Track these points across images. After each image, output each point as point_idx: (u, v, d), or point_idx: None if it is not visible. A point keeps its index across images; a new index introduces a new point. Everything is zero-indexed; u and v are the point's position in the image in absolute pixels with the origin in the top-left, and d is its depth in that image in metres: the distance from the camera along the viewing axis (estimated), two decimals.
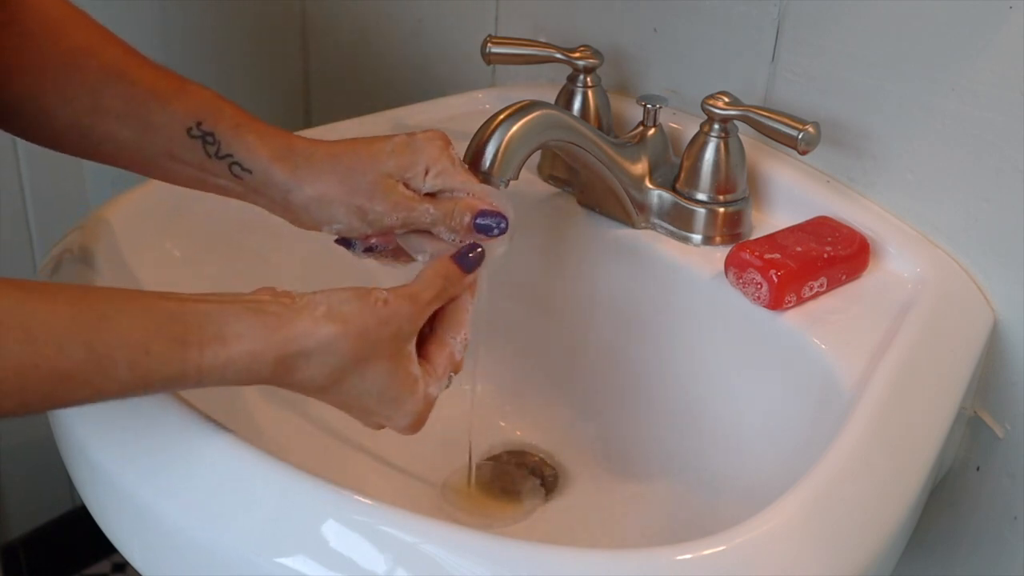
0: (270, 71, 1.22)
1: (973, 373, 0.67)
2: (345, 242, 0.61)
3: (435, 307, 0.55)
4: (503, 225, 0.58)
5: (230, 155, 0.57)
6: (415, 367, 0.53)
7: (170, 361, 0.46)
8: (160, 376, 0.46)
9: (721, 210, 0.73)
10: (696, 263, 0.72)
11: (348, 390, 0.51)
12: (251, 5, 1.16)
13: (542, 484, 0.75)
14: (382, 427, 0.55)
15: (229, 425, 0.53)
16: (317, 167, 0.56)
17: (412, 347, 0.53)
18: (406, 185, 0.58)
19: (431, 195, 0.58)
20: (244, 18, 1.18)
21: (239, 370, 0.48)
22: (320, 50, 1.18)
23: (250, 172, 0.56)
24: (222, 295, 0.49)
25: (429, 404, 0.54)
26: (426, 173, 0.58)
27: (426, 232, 0.59)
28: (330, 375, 0.50)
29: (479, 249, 0.58)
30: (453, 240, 0.59)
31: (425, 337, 0.56)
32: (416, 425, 0.54)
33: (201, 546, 0.50)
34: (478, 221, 0.58)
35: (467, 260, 0.57)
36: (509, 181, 0.63)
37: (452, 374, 0.57)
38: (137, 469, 0.53)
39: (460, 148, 0.65)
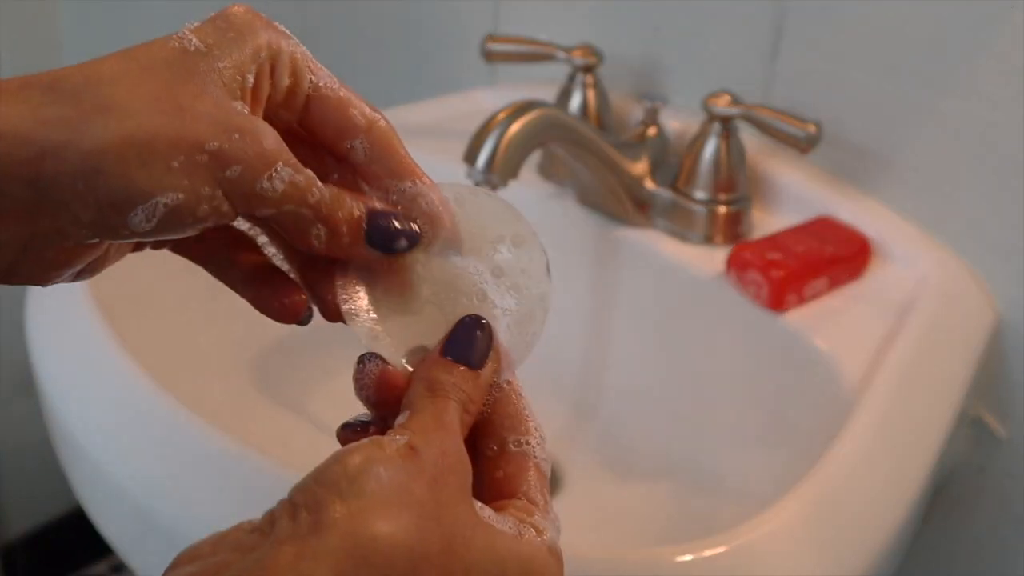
0: None
1: (975, 374, 0.67)
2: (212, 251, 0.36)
3: (467, 429, 0.34)
4: (411, 232, 0.34)
5: None
6: (501, 520, 0.32)
7: None
8: None
9: (722, 209, 0.73)
10: (696, 263, 0.72)
11: None
12: (250, 5, 1.16)
13: None
14: None
15: (228, 426, 0.52)
16: (97, 92, 0.30)
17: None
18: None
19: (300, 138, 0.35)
20: None
21: None
22: (319, 50, 1.18)
23: None
24: None
25: (558, 557, 0.33)
26: (272, 71, 0.33)
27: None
28: None
29: (481, 323, 0.35)
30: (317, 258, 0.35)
31: (481, 471, 0.34)
32: None
33: None
34: (372, 222, 0.34)
35: (465, 347, 0.35)
36: (508, 180, 0.63)
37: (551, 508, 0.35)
38: (135, 470, 0.53)
39: (459, 148, 0.65)
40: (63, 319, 0.63)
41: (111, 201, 0.30)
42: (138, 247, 0.36)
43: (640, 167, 0.75)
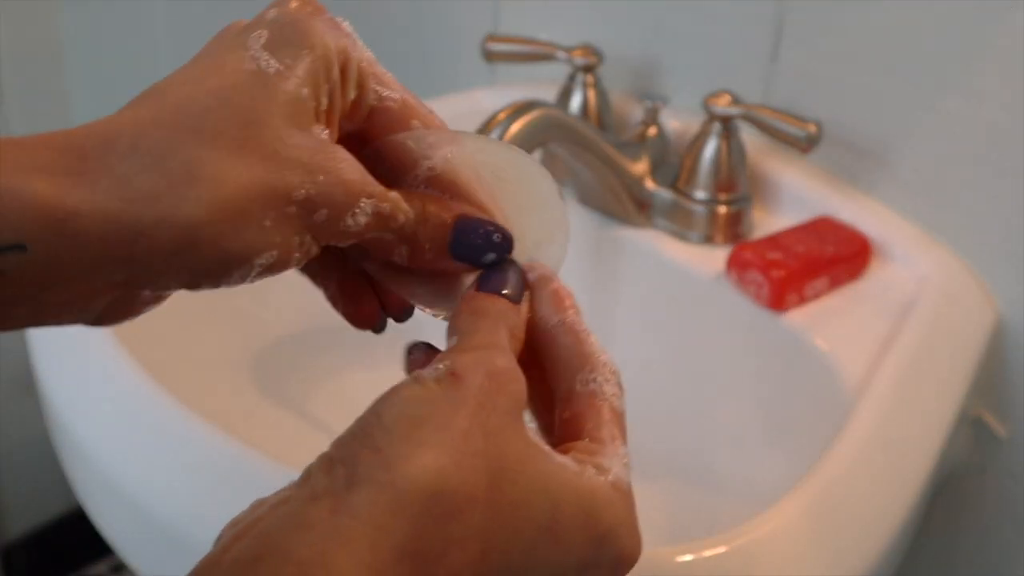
0: None
1: (975, 373, 0.66)
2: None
3: (515, 356, 0.32)
4: (500, 243, 0.34)
5: None
6: (563, 457, 0.30)
7: None
8: None
9: (722, 209, 0.73)
10: (697, 263, 0.72)
11: (513, 572, 0.28)
12: (250, 6, 1.16)
13: None
14: None
15: (228, 426, 0.52)
16: (184, 155, 0.29)
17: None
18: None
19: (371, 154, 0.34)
20: (242, 18, 1.17)
21: None
22: None
23: (22, 247, 0.27)
24: None
25: (623, 492, 0.31)
26: (344, 76, 0.32)
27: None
28: (476, 562, 0.27)
29: (511, 267, 0.34)
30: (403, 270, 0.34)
31: (550, 415, 0.34)
32: (638, 550, 0.31)
33: (199, 548, 0.50)
34: (458, 236, 0.33)
35: (498, 282, 0.33)
36: None
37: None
38: (135, 470, 0.53)
39: None
40: None
41: (207, 270, 0.29)
42: None
43: (640, 167, 0.75)
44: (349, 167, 0.31)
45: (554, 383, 0.33)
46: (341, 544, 0.26)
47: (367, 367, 0.80)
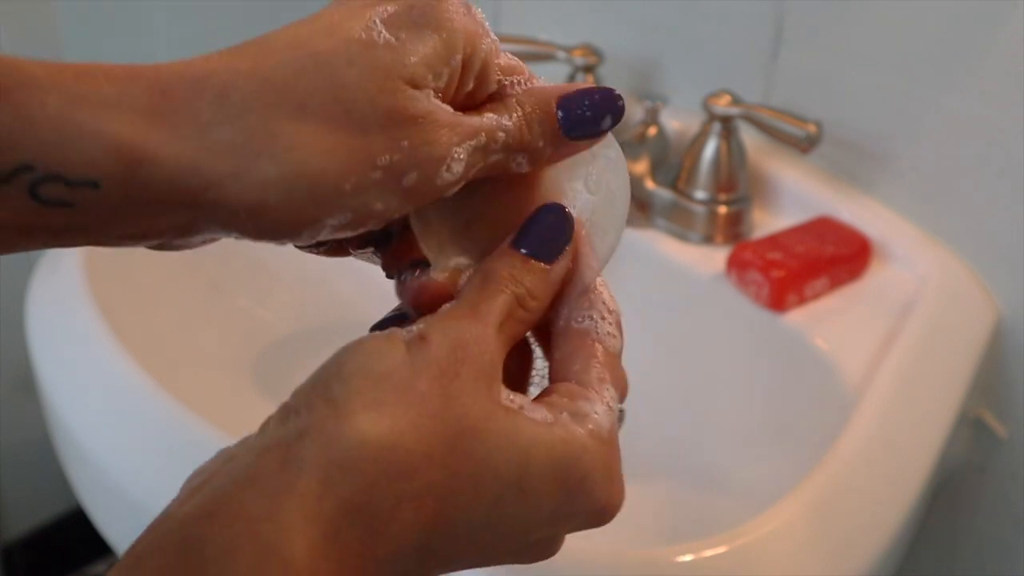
0: None
1: (975, 373, 0.66)
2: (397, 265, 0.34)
3: (526, 326, 0.31)
4: (615, 108, 0.32)
5: (25, 164, 0.26)
6: (533, 409, 0.29)
7: None
8: None
9: (722, 209, 0.73)
10: (697, 263, 0.72)
11: (474, 528, 0.28)
12: (250, 5, 1.16)
13: None
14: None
15: (228, 426, 0.52)
16: (268, 115, 0.28)
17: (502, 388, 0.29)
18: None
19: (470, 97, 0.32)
20: (242, 19, 1.17)
21: None
22: None
23: (94, 184, 0.27)
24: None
25: (603, 441, 0.30)
26: (465, 66, 0.31)
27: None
28: (431, 520, 0.27)
29: (559, 211, 0.33)
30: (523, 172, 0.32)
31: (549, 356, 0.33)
32: (616, 500, 0.30)
33: None
34: (563, 109, 0.32)
35: (534, 238, 0.32)
36: None
37: (617, 394, 0.31)
38: (135, 470, 0.53)
39: None
40: (63, 318, 0.63)
41: (273, 229, 0.29)
42: None
43: (640, 167, 0.75)
44: (440, 124, 0.30)
45: (552, 320, 0.32)
46: (289, 498, 0.25)
47: None
